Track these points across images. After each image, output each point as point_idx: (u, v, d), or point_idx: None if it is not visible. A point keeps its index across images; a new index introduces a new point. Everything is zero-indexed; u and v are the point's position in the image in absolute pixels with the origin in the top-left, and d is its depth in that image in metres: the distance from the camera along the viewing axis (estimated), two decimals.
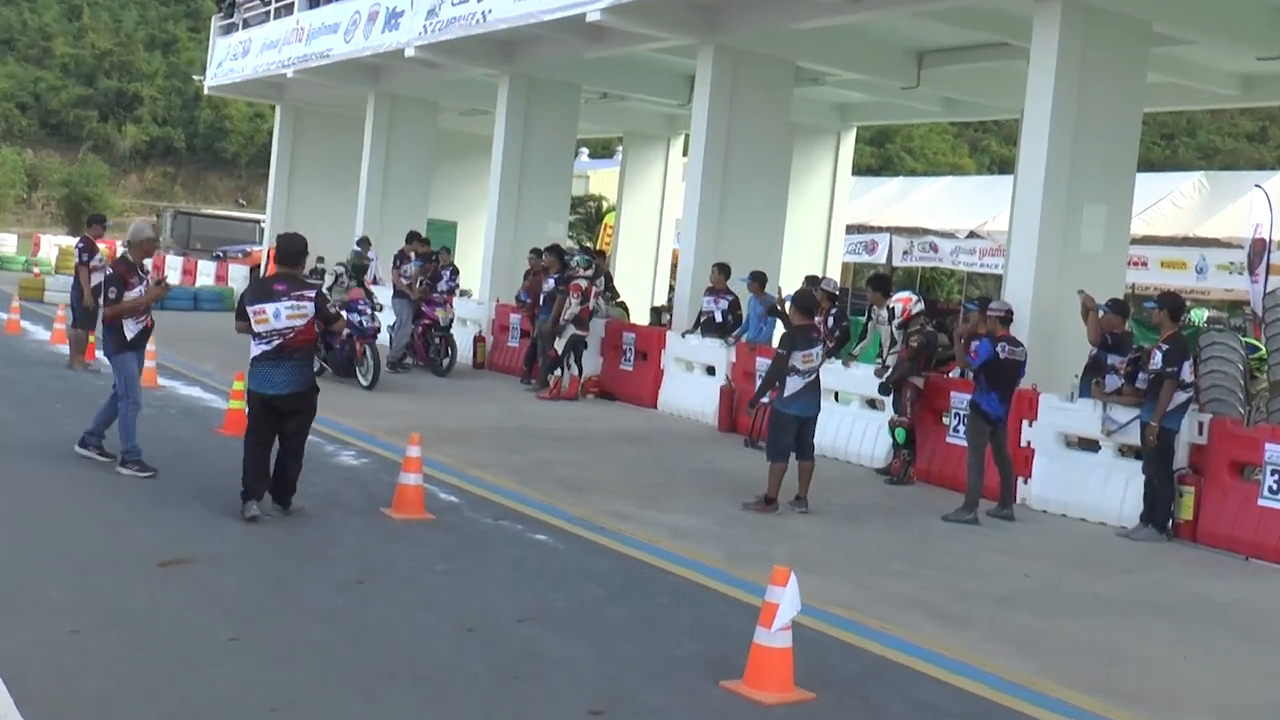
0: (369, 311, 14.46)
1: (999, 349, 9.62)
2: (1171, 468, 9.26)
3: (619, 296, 17.66)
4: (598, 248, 26.42)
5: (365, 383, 14.01)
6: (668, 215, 24.96)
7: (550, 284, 15.45)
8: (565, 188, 20.68)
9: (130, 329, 8.53)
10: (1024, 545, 8.89)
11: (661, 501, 9.25)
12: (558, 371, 14.87)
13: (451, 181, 27.11)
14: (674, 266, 16.83)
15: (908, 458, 10.95)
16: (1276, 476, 8.77)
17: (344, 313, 14.01)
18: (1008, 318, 9.93)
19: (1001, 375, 9.64)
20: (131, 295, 8.52)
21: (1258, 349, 12.53)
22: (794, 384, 9.14)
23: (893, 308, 11.14)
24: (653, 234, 25.06)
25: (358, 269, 15.67)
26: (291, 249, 7.61)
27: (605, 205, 36.70)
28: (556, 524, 8.13)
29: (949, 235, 22.12)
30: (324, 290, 14.58)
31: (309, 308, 7.47)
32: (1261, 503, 8.85)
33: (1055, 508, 10.11)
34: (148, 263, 9.00)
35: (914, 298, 11.18)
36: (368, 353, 14.10)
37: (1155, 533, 9.24)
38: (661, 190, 25.13)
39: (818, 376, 9.31)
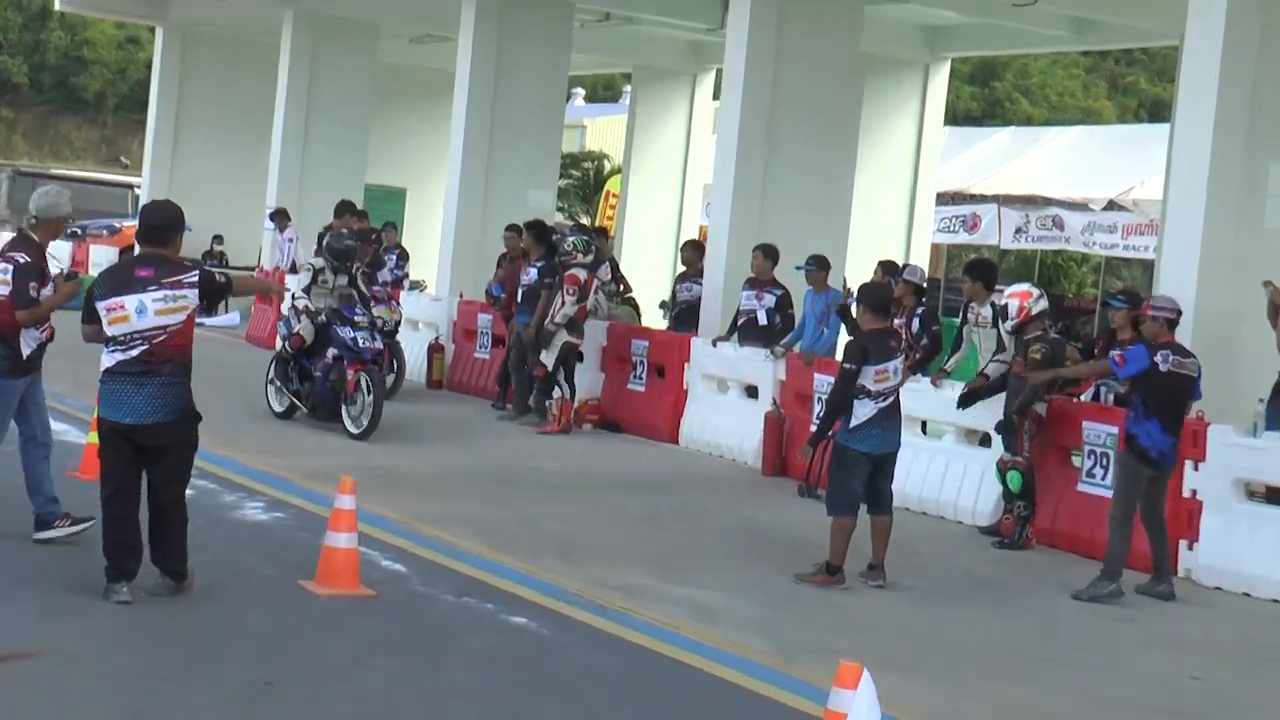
0: (365, 321, 13.64)
1: (1158, 358, 9.52)
2: None
3: (629, 290, 17.63)
4: (598, 224, 26.38)
5: (355, 429, 13.17)
6: (693, 180, 24.94)
7: (531, 274, 15.40)
8: (553, 142, 20.63)
9: (28, 342, 8.26)
10: (1189, 635, 8.80)
11: (685, 571, 9.18)
12: (557, 393, 14.85)
13: (398, 134, 27.15)
14: (692, 248, 16.69)
15: (1023, 512, 10.88)
16: None
17: (336, 327, 13.45)
18: (1176, 319, 9.82)
19: (1165, 396, 9.51)
20: (45, 293, 8.27)
21: None
22: (864, 410, 9.09)
23: (1004, 305, 11.06)
24: (672, 205, 25.05)
25: (339, 254, 14.16)
26: (155, 222, 7.50)
27: (608, 166, 36.75)
28: (542, 602, 8.09)
29: (1080, 207, 22.04)
30: (299, 290, 13.86)
31: (189, 298, 7.34)
32: None
33: (1233, 583, 10.01)
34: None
35: (1034, 292, 11.12)
36: (363, 385, 13.21)
37: None
38: (684, 146, 25.13)
39: (897, 399, 9.26)
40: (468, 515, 10.31)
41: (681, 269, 16.77)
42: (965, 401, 11.52)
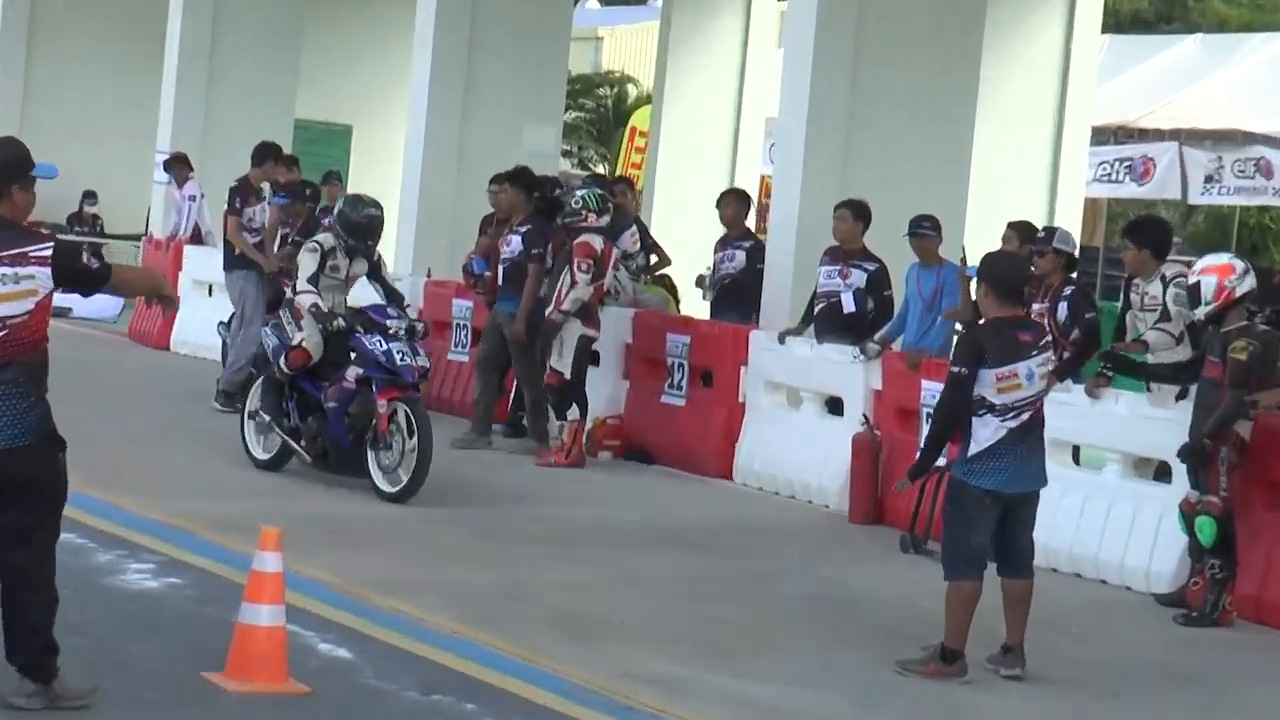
0: (402, 327, 12.91)
1: None
2: None
3: (664, 263, 17.61)
4: (620, 173, 26.35)
5: (390, 486, 12.55)
6: (750, 112, 24.90)
7: (514, 244, 15.37)
8: (556, 61, 20.64)
9: None
10: None
11: (743, 657, 9.22)
12: (573, 414, 14.83)
13: (340, 52, 27.20)
14: (734, 200, 16.55)
15: (1218, 573, 10.80)
16: None
17: (361, 337, 12.76)
18: None
19: None
20: None
21: None
22: (987, 431, 9.09)
23: (1194, 284, 10.97)
24: (722, 147, 25.01)
25: (358, 229, 13.38)
26: None
27: (633, 93, 36.76)
28: (543, 700, 8.11)
29: None
30: (304, 282, 12.89)
31: (39, 280, 7.22)
32: None
33: None
34: None
35: (1238, 266, 11.03)
36: (400, 420, 12.57)
37: None
38: (739, 65, 25.07)
39: (1036, 416, 9.23)
40: (439, 580, 10.31)
41: (723, 232, 16.62)
42: (1112, 362, 11.49)
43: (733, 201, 16.60)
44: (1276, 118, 22.46)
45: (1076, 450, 12.37)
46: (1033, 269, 12.21)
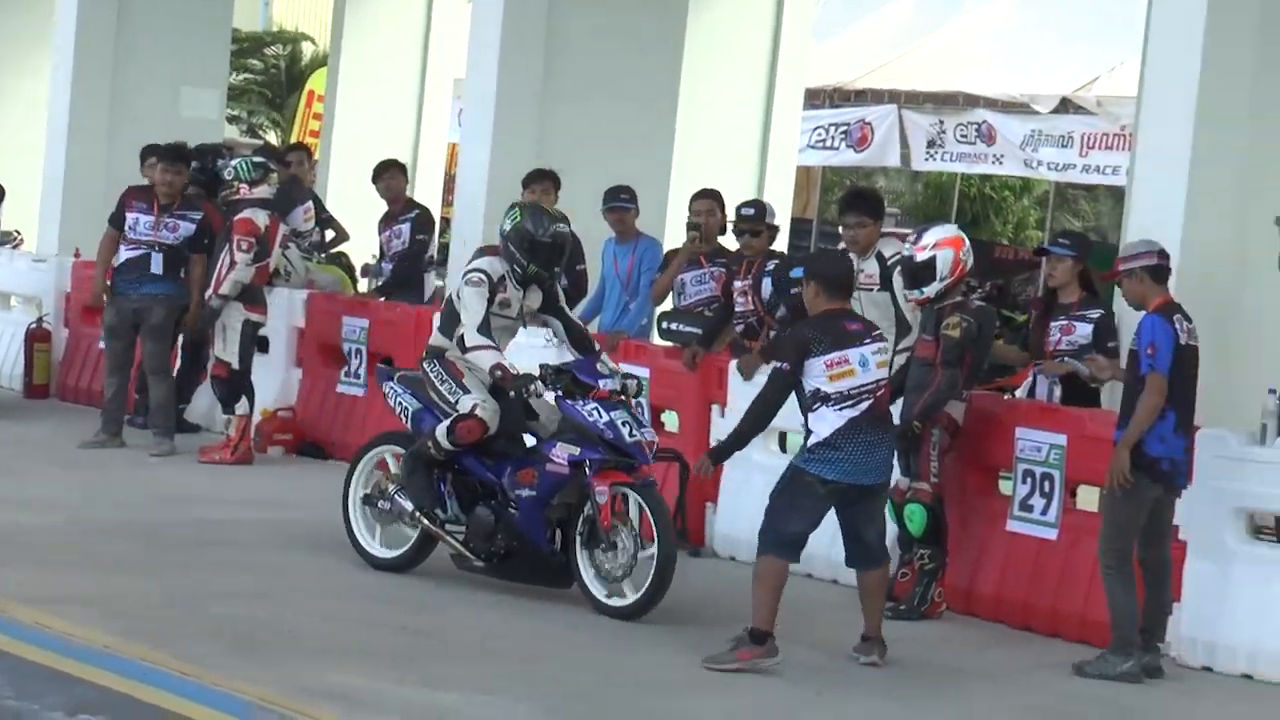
0: (617, 386, 10.92)
1: (1177, 328, 9.93)
2: None
3: (342, 240, 17.62)
4: (296, 139, 26.19)
5: (616, 599, 10.74)
6: (437, 73, 24.86)
7: (182, 228, 15.21)
8: (220, 16, 20.52)
9: None
10: None
11: (428, 666, 9.29)
12: (241, 408, 14.89)
13: None
14: (394, 172, 16.52)
15: (927, 563, 11.16)
16: None
17: (573, 405, 10.85)
18: (1162, 268, 10.19)
19: (1178, 379, 9.94)
20: None
21: None
22: (825, 424, 9.59)
23: (928, 260, 11.15)
24: (405, 111, 24.94)
25: (543, 252, 11.37)
26: None
27: (308, 52, 36.47)
28: (207, 718, 8.11)
29: (1019, 108, 22.45)
30: (474, 331, 11.04)
31: None
32: None
33: (1226, 661, 10.32)
34: None
35: (965, 240, 11.39)
36: (631, 513, 10.80)
37: None
38: (424, 21, 24.98)
39: (879, 407, 9.71)
40: (91, 591, 10.23)
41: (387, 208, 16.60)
42: (906, 435, 11.71)
43: (398, 174, 16.69)
44: (999, 80, 22.86)
45: (783, 437, 12.54)
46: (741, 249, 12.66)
